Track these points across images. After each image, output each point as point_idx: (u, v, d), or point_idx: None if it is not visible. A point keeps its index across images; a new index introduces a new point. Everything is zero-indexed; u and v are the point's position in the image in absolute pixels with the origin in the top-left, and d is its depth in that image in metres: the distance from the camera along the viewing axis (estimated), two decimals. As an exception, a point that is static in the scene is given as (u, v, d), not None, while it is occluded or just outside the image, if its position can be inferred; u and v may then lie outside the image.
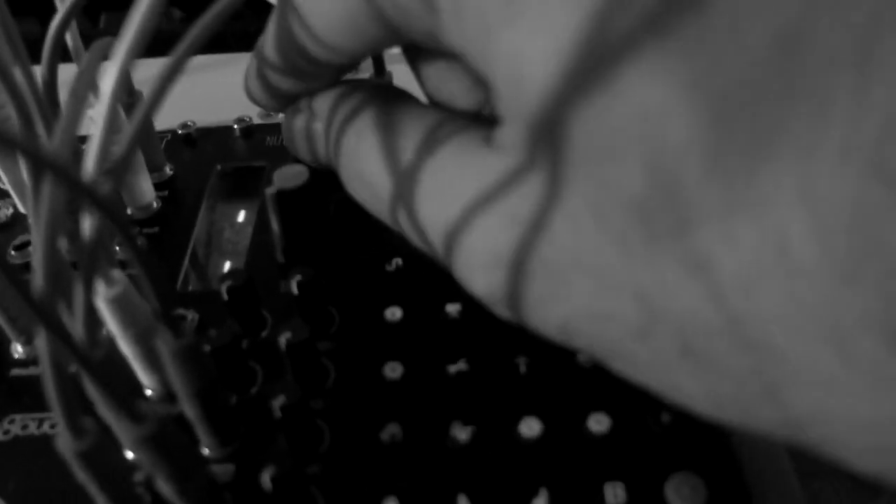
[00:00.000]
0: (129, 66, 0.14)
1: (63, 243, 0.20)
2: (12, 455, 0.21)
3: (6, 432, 0.21)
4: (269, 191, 0.23)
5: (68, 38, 0.24)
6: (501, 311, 0.14)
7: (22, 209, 0.27)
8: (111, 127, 0.15)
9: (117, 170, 0.14)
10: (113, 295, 0.18)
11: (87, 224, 0.15)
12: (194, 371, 0.18)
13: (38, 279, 0.13)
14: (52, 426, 0.21)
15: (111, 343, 0.17)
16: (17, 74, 0.19)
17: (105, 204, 0.13)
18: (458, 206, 0.14)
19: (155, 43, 0.14)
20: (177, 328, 0.17)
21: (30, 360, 0.23)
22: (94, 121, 0.15)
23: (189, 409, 0.18)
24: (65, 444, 0.16)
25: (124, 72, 0.14)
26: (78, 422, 0.16)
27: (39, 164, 0.13)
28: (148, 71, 0.15)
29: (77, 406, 0.15)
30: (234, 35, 0.38)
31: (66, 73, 0.21)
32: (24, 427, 0.21)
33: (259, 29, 0.18)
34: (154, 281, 0.16)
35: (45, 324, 0.13)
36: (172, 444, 0.16)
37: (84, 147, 0.15)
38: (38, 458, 0.21)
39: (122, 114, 0.26)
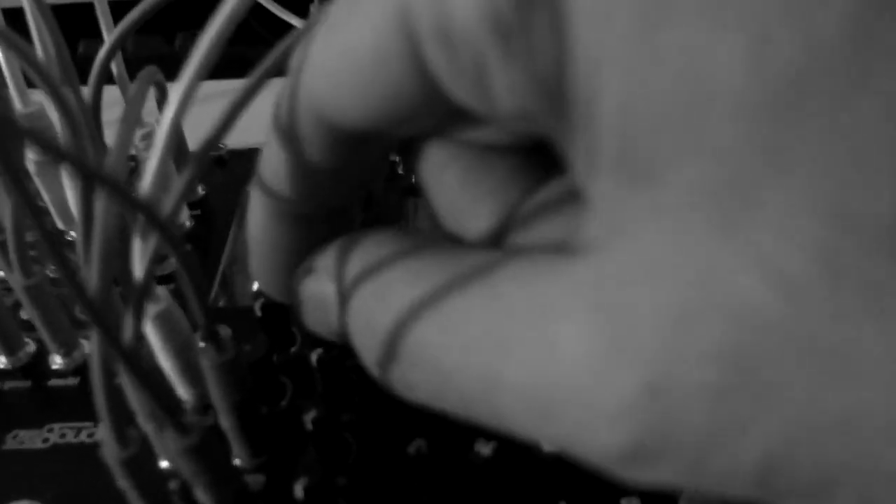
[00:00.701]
0: (194, 89, 0.15)
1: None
2: (51, 463, 0.22)
3: (45, 440, 0.22)
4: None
5: (113, 65, 0.25)
6: (640, 472, 0.09)
7: (61, 225, 0.28)
8: (170, 148, 0.16)
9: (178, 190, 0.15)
10: (158, 312, 0.19)
11: (142, 243, 0.16)
12: (234, 384, 0.18)
13: (93, 286, 0.14)
14: (90, 435, 0.22)
15: (152, 357, 0.18)
16: (68, 95, 0.20)
17: (163, 223, 0.14)
18: (572, 349, 0.10)
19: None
20: (218, 343, 0.18)
21: (68, 371, 0.24)
22: (155, 142, 0.16)
23: (225, 421, 0.19)
24: (110, 451, 0.17)
25: (188, 94, 0.15)
26: (124, 430, 0.16)
27: (97, 182, 0.14)
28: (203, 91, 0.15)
29: (123, 415, 0.16)
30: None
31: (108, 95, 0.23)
32: (63, 436, 0.22)
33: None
34: (201, 298, 0.17)
35: (99, 327, 0.14)
36: (213, 454, 0.17)
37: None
38: (76, 465, 0.22)
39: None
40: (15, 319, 0.25)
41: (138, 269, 0.16)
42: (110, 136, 0.16)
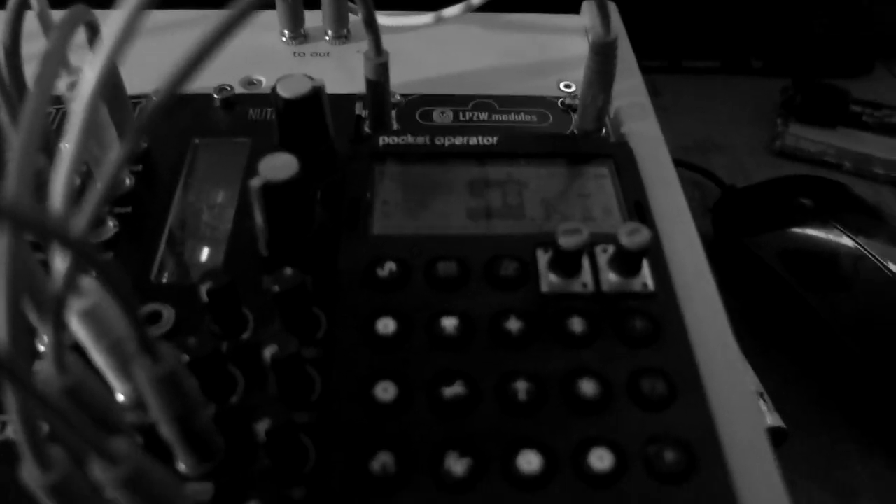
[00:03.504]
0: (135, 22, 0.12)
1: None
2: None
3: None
4: (255, 183, 0.21)
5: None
6: None
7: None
8: (79, 160, 0.14)
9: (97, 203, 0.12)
10: (85, 308, 0.17)
11: (60, 266, 0.13)
12: (174, 397, 0.16)
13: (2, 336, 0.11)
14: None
15: (81, 367, 0.16)
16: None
17: (86, 251, 0.12)
18: None
19: None
20: (154, 353, 0.16)
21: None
22: (62, 150, 0.13)
23: (167, 432, 0.17)
24: (31, 475, 0.14)
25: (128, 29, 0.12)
26: (44, 453, 0.14)
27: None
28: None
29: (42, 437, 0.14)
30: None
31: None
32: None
33: None
34: (132, 312, 0.14)
35: (11, 381, 0.11)
36: (153, 479, 0.15)
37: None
38: None
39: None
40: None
41: (55, 293, 0.13)
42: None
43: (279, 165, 0.21)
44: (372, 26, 0.24)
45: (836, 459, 0.33)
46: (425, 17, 0.29)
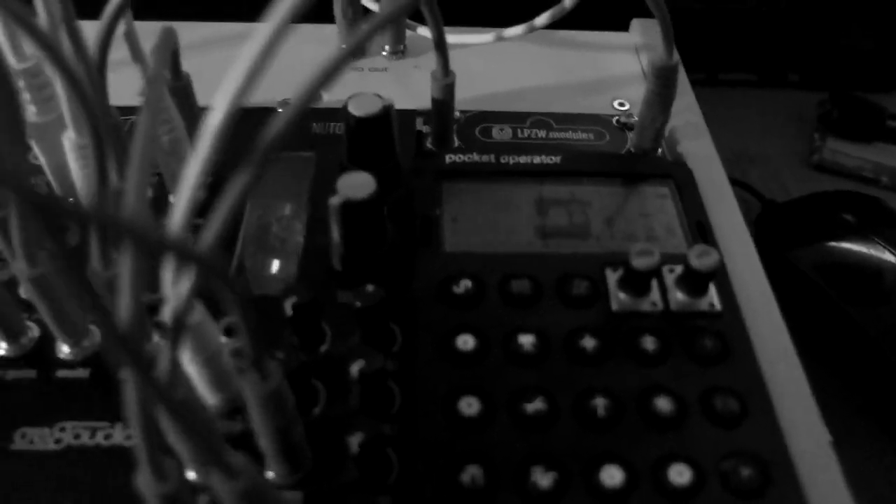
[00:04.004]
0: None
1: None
2: (65, 467, 0.20)
3: (58, 441, 0.21)
4: (335, 201, 0.22)
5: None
6: None
7: (58, 190, 0.26)
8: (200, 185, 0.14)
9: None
10: (194, 323, 0.18)
11: (180, 285, 0.14)
12: (277, 411, 0.17)
13: (124, 316, 0.12)
14: (107, 437, 0.21)
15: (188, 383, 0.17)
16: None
17: (222, 275, 0.12)
18: None
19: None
20: (263, 371, 0.16)
21: (77, 362, 0.22)
22: (185, 175, 0.14)
23: (265, 443, 0.18)
24: (146, 484, 0.15)
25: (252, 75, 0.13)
26: (160, 463, 0.15)
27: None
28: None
29: (160, 445, 0.15)
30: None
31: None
32: (77, 436, 0.21)
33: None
34: (252, 329, 0.15)
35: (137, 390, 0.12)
36: (266, 494, 0.16)
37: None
38: (93, 471, 0.20)
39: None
40: (13, 299, 0.23)
41: (170, 308, 0.14)
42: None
43: (357, 184, 0.22)
44: (442, 48, 0.25)
45: (879, 472, 0.33)
46: (486, 36, 0.30)
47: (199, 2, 0.34)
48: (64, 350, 0.22)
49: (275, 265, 0.26)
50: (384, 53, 0.32)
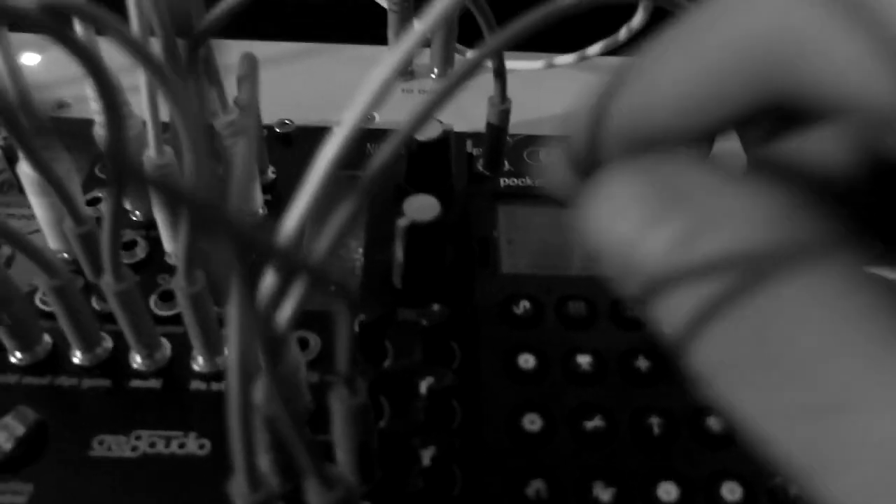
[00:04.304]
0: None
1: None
2: (141, 475, 0.21)
3: (134, 449, 0.22)
4: (402, 222, 0.23)
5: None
6: None
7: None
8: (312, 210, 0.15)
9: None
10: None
11: (291, 303, 0.15)
12: (361, 425, 0.18)
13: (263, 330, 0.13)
14: (181, 445, 0.22)
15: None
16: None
17: (340, 285, 0.13)
18: None
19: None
20: (353, 386, 0.17)
21: (149, 373, 0.23)
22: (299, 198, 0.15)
23: (344, 456, 0.19)
24: (239, 491, 0.16)
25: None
26: (256, 473, 0.16)
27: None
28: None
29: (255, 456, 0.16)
30: (338, 23, 0.37)
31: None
32: (153, 445, 0.22)
33: (360, 18, 0.16)
34: (350, 348, 0.16)
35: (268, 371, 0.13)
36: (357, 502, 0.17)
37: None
38: (168, 479, 0.21)
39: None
40: (89, 309, 0.24)
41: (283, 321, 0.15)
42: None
43: (423, 206, 0.23)
44: (501, 76, 0.26)
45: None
46: (536, 63, 0.31)
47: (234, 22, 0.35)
48: (137, 361, 0.23)
49: (333, 281, 0.27)
50: (433, 76, 0.33)
